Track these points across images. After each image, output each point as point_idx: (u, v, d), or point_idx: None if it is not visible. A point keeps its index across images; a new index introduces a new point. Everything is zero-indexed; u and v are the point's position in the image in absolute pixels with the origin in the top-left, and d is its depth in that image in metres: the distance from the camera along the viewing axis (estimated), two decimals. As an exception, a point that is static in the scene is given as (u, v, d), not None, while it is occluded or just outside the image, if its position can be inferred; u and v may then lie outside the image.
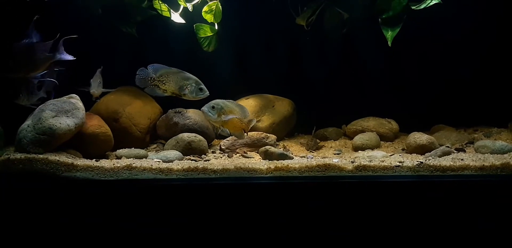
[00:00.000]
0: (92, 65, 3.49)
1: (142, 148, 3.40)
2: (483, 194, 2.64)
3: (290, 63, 4.08)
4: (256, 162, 3.05)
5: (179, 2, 3.39)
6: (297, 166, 2.80)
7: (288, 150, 3.40)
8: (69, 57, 3.13)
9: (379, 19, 3.48)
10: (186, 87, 2.83)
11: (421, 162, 2.82)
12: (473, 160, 2.87)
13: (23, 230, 2.63)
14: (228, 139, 3.54)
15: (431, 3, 3.28)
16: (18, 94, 3.08)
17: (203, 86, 2.87)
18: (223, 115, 2.94)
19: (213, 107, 2.91)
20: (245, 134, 3.17)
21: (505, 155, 3.00)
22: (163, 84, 2.84)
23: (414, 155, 3.25)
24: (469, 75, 3.92)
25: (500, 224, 2.61)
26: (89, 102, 3.44)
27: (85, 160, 2.95)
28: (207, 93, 2.91)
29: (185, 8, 3.42)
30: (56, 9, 3.32)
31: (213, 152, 3.49)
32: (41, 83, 3.28)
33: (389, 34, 3.41)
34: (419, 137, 3.35)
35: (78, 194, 2.67)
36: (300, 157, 3.22)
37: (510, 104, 3.91)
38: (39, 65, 3.11)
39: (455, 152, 3.20)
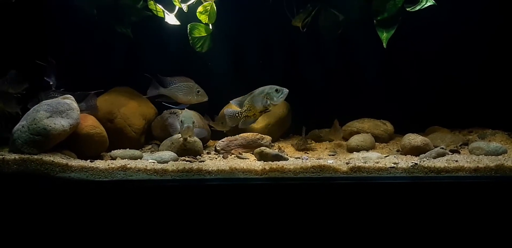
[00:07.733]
0: (88, 65, 3.49)
1: (137, 149, 3.39)
2: (477, 196, 2.65)
3: (285, 64, 4.07)
4: (251, 163, 3.04)
5: (174, 3, 3.38)
6: (292, 167, 2.80)
7: (283, 151, 3.40)
8: None
9: (374, 21, 3.48)
10: (267, 98, 2.83)
11: (416, 163, 2.83)
12: (467, 161, 2.88)
13: (17, 231, 2.62)
14: (223, 140, 3.53)
15: (426, 5, 3.28)
16: None
17: (278, 87, 2.86)
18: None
19: (193, 122, 3.19)
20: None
21: (499, 157, 3.02)
22: (250, 111, 2.86)
23: (408, 156, 3.25)
24: (464, 77, 3.94)
25: (494, 226, 2.62)
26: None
27: (80, 161, 2.94)
28: (286, 90, 2.88)
29: (181, 9, 3.41)
30: (51, 9, 3.32)
31: (208, 153, 3.49)
32: None
33: (384, 36, 3.41)
34: (414, 138, 3.36)
35: (73, 195, 2.66)
36: (295, 158, 3.22)
37: (505, 106, 3.92)
38: None
39: (450, 153, 3.21)
